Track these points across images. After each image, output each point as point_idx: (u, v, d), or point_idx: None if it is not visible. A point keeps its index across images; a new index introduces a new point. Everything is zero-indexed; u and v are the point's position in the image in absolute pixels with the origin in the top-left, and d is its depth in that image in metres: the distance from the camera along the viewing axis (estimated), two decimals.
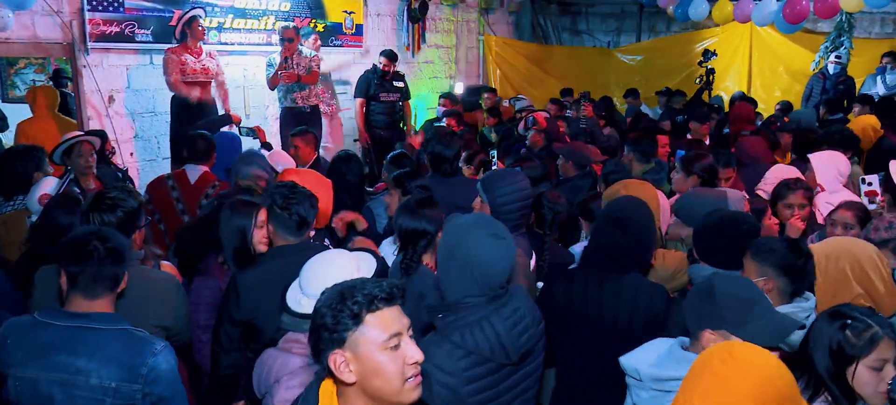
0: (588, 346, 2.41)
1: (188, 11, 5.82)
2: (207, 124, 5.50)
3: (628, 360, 1.95)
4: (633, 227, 2.45)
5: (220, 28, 6.45)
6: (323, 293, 1.49)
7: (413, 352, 1.46)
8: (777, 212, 3.44)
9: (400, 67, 7.48)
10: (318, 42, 7.03)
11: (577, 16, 12.42)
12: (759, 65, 10.41)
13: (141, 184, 5.61)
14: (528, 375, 2.05)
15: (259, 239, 2.67)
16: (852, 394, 1.76)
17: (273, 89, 6.43)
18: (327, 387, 1.50)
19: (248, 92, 6.90)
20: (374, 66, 7.21)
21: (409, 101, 7.62)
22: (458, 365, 1.85)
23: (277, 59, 6.26)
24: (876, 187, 3.59)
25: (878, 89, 8.48)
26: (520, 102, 8.30)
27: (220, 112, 6.19)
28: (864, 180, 3.64)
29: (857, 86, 8.84)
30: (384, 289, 1.44)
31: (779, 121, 7.05)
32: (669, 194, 3.86)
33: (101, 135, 4.51)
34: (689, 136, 6.38)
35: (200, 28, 5.78)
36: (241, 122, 5.75)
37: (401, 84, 7.30)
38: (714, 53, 9.08)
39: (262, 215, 2.67)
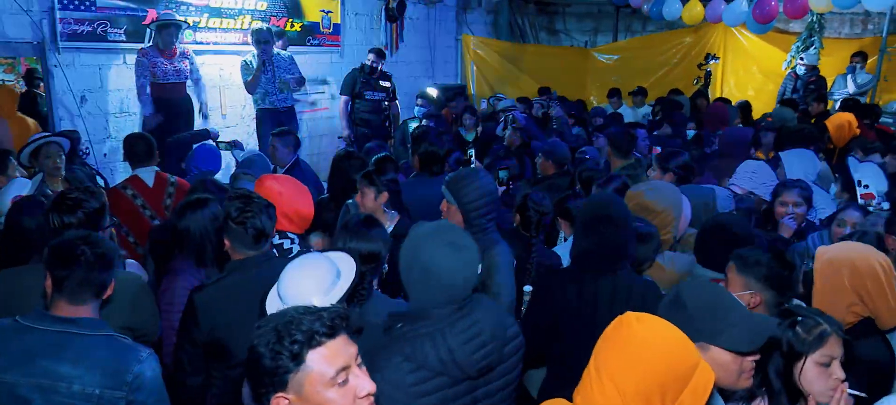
0: (583, 345, 2.38)
1: (163, 19, 5.74)
2: (185, 138, 5.44)
3: None
4: (621, 224, 2.46)
5: (195, 27, 6.37)
6: (257, 326, 1.37)
7: (363, 384, 1.35)
8: (773, 210, 3.48)
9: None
10: (287, 46, 6.98)
11: (554, 15, 12.48)
12: (733, 64, 10.58)
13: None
14: (497, 390, 1.97)
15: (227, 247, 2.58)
16: (796, 394, 1.78)
17: (252, 93, 6.37)
18: None
19: (225, 92, 6.82)
20: (362, 63, 7.18)
21: (397, 102, 7.60)
22: (405, 379, 1.78)
23: (253, 61, 6.20)
24: (873, 190, 3.57)
25: (849, 88, 8.65)
26: (501, 103, 8.32)
27: (197, 111, 6.13)
28: (860, 183, 3.63)
29: (828, 85, 9.01)
30: (325, 322, 1.33)
31: (761, 120, 7.16)
32: None
33: (72, 135, 4.43)
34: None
35: (170, 38, 5.68)
36: (218, 136, 5.66)
37: (387, 83, 7.27)
38: (715, 57, 9.20)
39: None
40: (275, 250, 2.79)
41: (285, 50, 6.88)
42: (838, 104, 8.20)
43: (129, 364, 1.94)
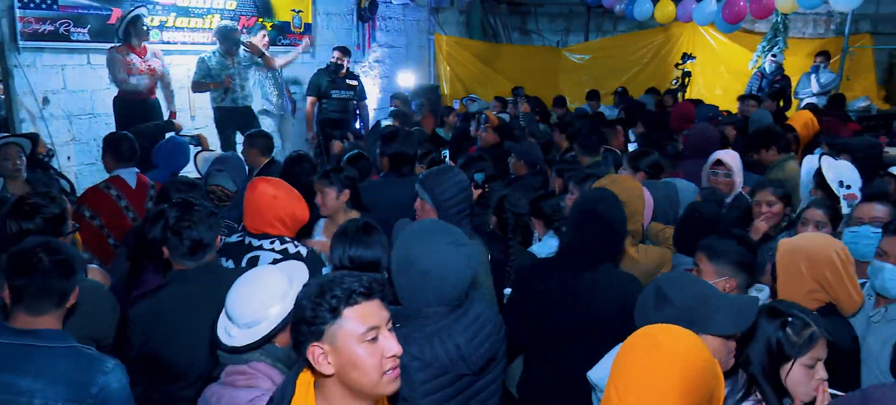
0: (561, 337, 2.44)
1: (131, 11, 5.61)
2: (150, 129, 5.33)
3: (595, 373, 1.94)
4: (605, 219, 2.48)
5: (162, 27, 6.25)
6: (305, 286, 1.49)
7: (391, 346, 1.46)
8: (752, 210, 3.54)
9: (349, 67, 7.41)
10: (266, 39, 6.88)
11: (526, 15, 12.55)
12: (701, 63, 10.75)
13: (80, 189, 5.39)
14: (489, 383, 2.02)
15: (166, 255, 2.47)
16: (781, 392, 1.79)
17: (196, 93, 6.27)
18: (305, 377, 1.51)
19: (193, 92, 6.70)
20: (328, 63, 7.12)
21: (365, 101, 7.55)
22: (416, 377, 1.79)
23: (212, 59, 6.10)
24: (855, 191, 3.52)
25: (813, 88, 8.84)
26: (474, 105, 8.33)
27: (165, 112, 6.01)
28: (842, 183, 3.59)
29: (793, 84, 9.21)
30: (364, 283, 1.46)
31: (719, 116, 7.27)
32: None
33: (32, 137, 4.31)
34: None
35: (144, 27, 5.58)
36: (182, 129, 5.57)
37: (355, 82, 7.21)
38: (692, 57, 9.34)
39: None
40: (278, 255, 2.68)
41: (264, 46, 6.79)
42: (803, 103, 8.39)
43: (93, 376, 1.87)
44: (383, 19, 9.53)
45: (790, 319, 1.79)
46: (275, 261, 2.58)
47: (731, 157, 3.94)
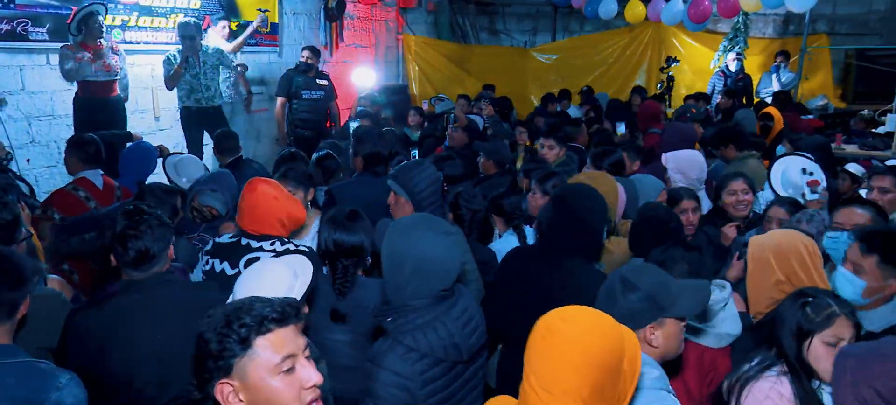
0: (528, 326, 2.47)
1: (85, 6, 5.47)
2: (109, 139, 5.21)
3: None
4: (579, 215, 2.56)
5: (124, 26, 6.12)
6: (207, 316, 1.36)
7: (310, 375, 1.35)
8: (722, 203, 3.62)
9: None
10: (227, 30, 6.78)
11: (494, 16, 12.61)
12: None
13: (40, 192, 5.25)
14: (476, 371, 2.07)
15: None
16: (810, 370, 1.87)
17: (171, 89, 6.15)
18: None
19: (157, 93, 6.58)
20: (298, 62, 7.07)
21: (336, 101, 7.50)
22: (415, 368, 1.83)
23: (176, 57, 6.00)
24: (817, 177, 3.59)
25: (774, 86, 9.07)
26: (441, 104, 8.35)
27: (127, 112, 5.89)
28: (805, 171, 3.67)
29: (755, 83, 9.44)
30: (276, 308, 1.34)
31: (687, 112, 7.42)
32: None
33: None
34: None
35: (98, 25, 5.44)
36: (141, 138, 5.44)
37: (325, 82, 7.17)
38: (676, 60, 9.49)
39: None
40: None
41: (225, 36, 6.70)
42: (769, 99, 8.62)
43: (46, 392, 1.74)
44: (351, 19, 9.49)
45: (810, 300, 1.89)
46: None
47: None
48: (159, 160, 4.78)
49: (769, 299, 2.27)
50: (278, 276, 1.90)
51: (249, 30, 6.99)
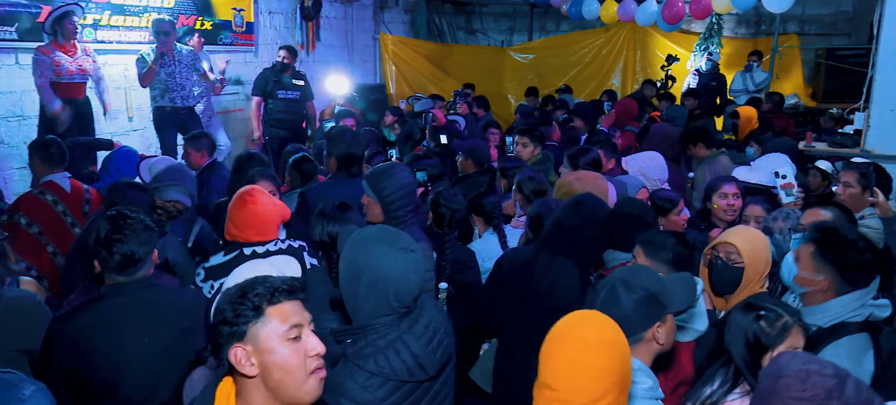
0: (520, 315, 2.63)
1: (60, 6, 5.37)
2: (87, 143, 5.13)
3: None
4: (582, 223, 2.64)
5: (96, 25, 6.02)
6: (225, 291, 1.49)
7: (315, 344, 1.46)
8: (711, 205, 3.67)
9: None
10: (202, 42, 6.72)
11: (471, 15, 12.64)
12: (642, 62, 11.09)
13: (10, 194, 5.14)
14: (444, 383, 2.02)
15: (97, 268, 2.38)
16: None
17: (146, 87, 6.07)
18: (225, 386, 1.48)
19: (130, 93, 6.48)
20: (274, 62, 7.01)
21: (313, 102, 7.46)
22: (376, 395, 1.75)
23: (150, 55, 5.91)
24: (791, 180, 3.62)
25: (748, 86, 9.22)
26: (419, 103, 8.33)
27: (101, 113, 5.79)
28: (777, 174, 3.70)
29: (728, 82, 9.59)
30: (285, 282, 1.47)
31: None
32: (552, 186, 4.01)
33: None
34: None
35: (74, 25, 5.35)
36: (119, 145, 5.35)
37: (301, 82, 7.12)
38: (676, 58, 9.56)
39: None
40: (288, 254, 2.68)
41: (198, 48, 6.64)
42: (742, 99, 8.77)
43: (7, 404, 1.67)
44: (327, 18, 9.43)
45: (763, 312, 1.87)
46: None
47: None
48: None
49: (745, 297, 2.30)
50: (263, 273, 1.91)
51: (219, 74, 6.89)
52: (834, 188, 4.01)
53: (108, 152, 4.81)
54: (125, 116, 6.46)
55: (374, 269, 1.79)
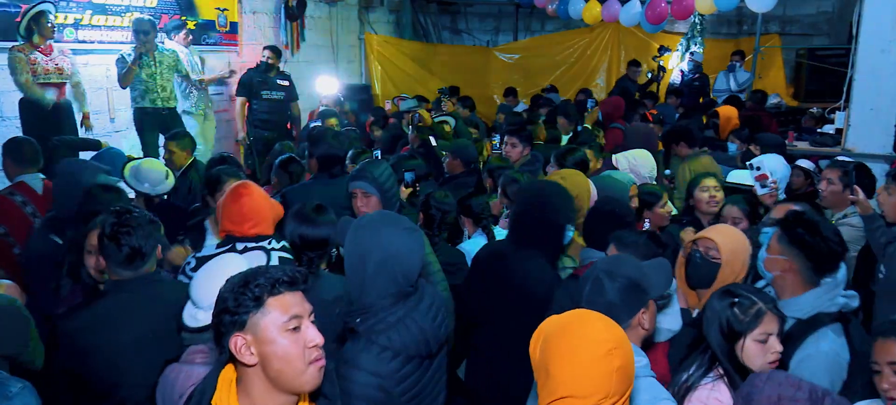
0: (496, 309, 2.72)
1: (34, 5, 5.29)
2: (75, 143, 5.05)
3: None
4: (535, 212, 2.69)
5: (76, 25, 5.94)
6: (228, 280, 1.50)
7: (314, 335, 1.48)
8: (694, 200, 3.72)
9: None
10: (190, 37, 6.66)
11: (456, 15, 12.64)
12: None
13: None
14: (440, 362, 2.10)
15: (91, 266, 2.43)
16: (743, 368, 1.92)
17: (125, 88, 6.00)
18: (226, 374, 1.51)
19: (112, 94, 6.39)
20: (259, 62, 6.96)
21: (298, 102, 7.41)
22: (390, 366, 1.86)
23: (130, 55, 5.85)
24: (765, 171, 3.66)
25: (730, 85, 9.31)
26: (405, 103, 8.32)
27: (77, 116, 5.71)
28: (751, 165, 3.74)
29: (711, 82, 9.67)
30: (287, 273, 1.48)
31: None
32: None
33: None
34: None
35: (49, 24, 5.27)
36: (106, 146, 5.29)
37: (286, 82, 7.08)
38: (667, 49, 9.61)
39: (93, 240, 2.41)
40: (283, 253, 2.67)
41: (185, 44, 6.58)
42: (721, 99, 8.85)
43: None
44: (312, 18, 9.38)
45: (737, 299, 1.93)
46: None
47: None
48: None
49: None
50: (234, 268, 1.87)
51: (216, 75, 6.88)
52: (817, 186, 4.06)
53: (94, 153, 4.74)
54: (107, 117, 6.38)
55: (382, 250, 1.88)
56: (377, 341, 1.86)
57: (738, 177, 4.10)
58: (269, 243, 2.68)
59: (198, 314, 1.91)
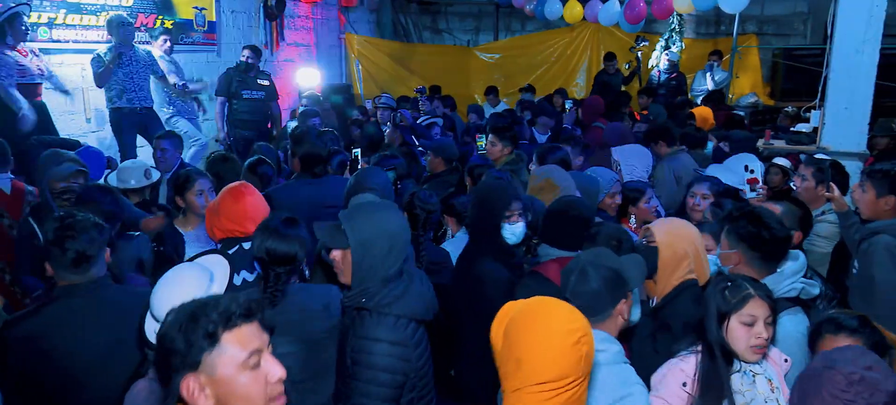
0: (464, 312, 2.87)
1: (9, 8, 5.19)
2: (54, 142, 4.96)
3: None
4: (473, 214, 2.90)
5: (51, 24, 5.84)
6: (168, 314, 1.35)
7: (275, 370, 1.36)
8: (685, 201, 3.78)
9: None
10: (168, 44, 6.59)
11: (436, 15, 12.64)
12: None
13: None
14: (426, 331, 2.21)
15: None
16: (730, 353, 2.00)
17: (101, 87, 5.92)
18: None
19: (88, 93, 6.29)
20: (238, 62, 6.91)
21: (278, 102, 7.36)
22: (406, 333, 1.99)
23: (107, 54, 5.77)
24: (758, 175, 3.73)
25: (708, 85, 9.41)
26: (384, 101, 8.29)
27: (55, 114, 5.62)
28: (746, 168, 3.80)
29: (689, 82, 9.77)
30: (241, 304, 1.34)
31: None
32: (525, 186, 4.03)
33: None
34: None
35: (24, 27, 5.18)
36: (84, 146, 5.21)
37: (266, 82, 7.03)
38: (645, 39, 9.68)
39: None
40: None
41: (166, 50, 6.51)
42: (700, 99, 8.95)
43: None
44: (291, 18, 9.32)
45: (729, 284, 2.02)
46: None
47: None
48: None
49: (674, 284, 2.39)
50: (194, 280, 1.85)
51: (193, 87, 6.81)
52: (792, 184, 4.12)
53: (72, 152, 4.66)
54: (82, 117, 6.28)
55: (387, 232, 2.01)
56: (391, 311, 1.98)
57: (718, 172, 4.16)
58: None
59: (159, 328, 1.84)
